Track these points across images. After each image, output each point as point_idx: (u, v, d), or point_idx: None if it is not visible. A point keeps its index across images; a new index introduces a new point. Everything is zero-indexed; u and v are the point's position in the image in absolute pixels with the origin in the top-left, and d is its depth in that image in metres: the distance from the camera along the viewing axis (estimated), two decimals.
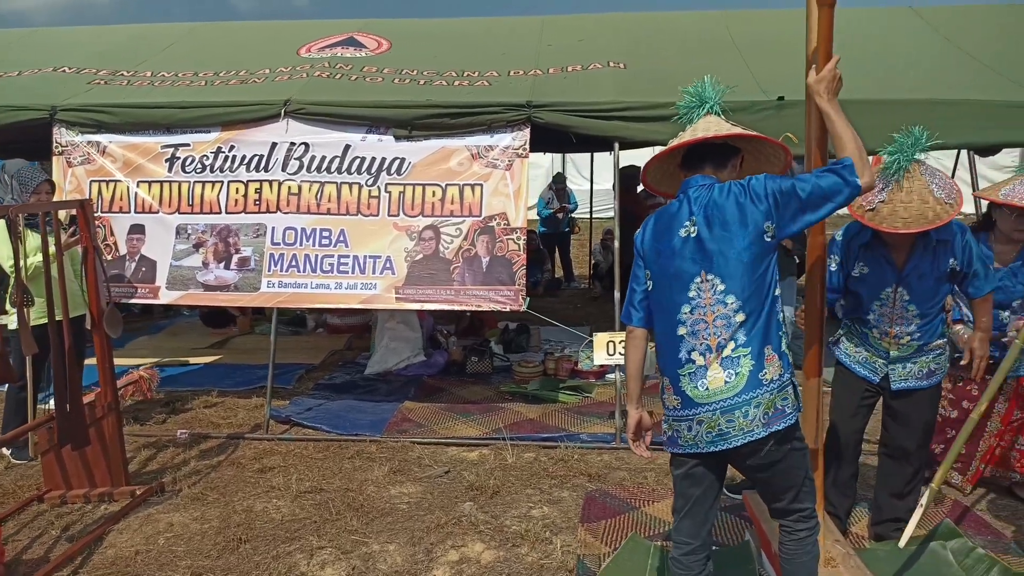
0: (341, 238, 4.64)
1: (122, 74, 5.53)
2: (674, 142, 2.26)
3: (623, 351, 4.50)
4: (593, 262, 9.41)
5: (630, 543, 3.05)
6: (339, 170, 4.71)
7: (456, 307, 4.60)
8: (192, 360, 6.29)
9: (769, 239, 2.11)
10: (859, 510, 3.38)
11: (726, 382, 2.08)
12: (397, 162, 4.71)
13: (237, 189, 4.75)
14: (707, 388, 2.10)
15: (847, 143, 2.10)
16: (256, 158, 4.75)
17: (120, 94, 5.13)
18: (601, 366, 5.95)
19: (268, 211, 4.69)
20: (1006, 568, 2.77)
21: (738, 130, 2.22)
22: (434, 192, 4.67)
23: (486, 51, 5.86)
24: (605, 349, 4.41)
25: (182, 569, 3.06)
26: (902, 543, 2.59)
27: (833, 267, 2.85)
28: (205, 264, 4.70)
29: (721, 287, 2.10)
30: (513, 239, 4.55)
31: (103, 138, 4.87)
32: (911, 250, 2.73)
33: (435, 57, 5.70)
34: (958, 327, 3.11)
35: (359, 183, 4.69)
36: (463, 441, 4.38)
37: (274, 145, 4.75)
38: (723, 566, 2.85)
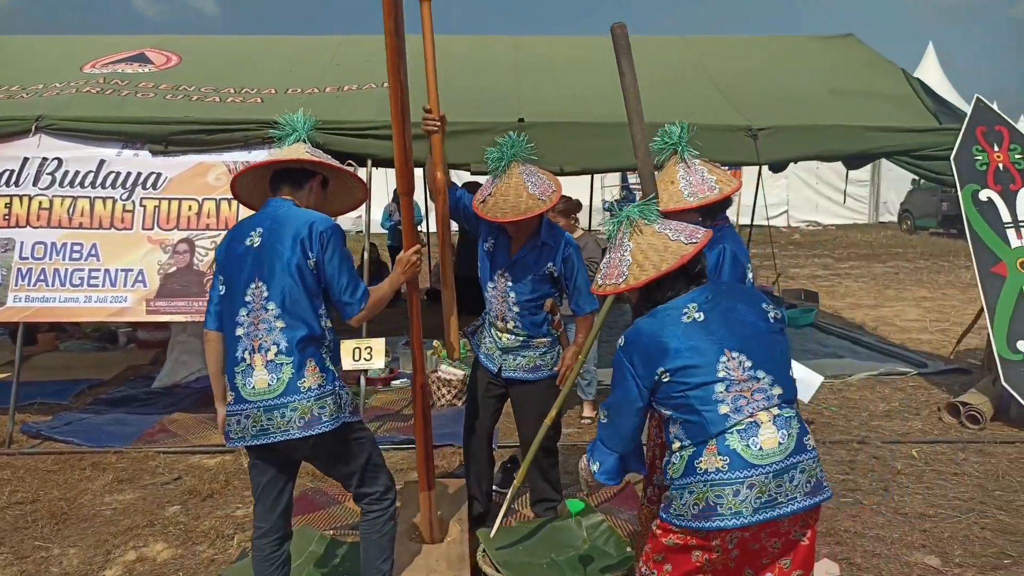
0: (93, 252, 4.69)
1: None
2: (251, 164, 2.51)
3: (367, 357, 4.76)
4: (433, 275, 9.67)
5: (299, 531, 3.24)
6: (93, 184, 4.77)
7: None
8: None
9: (312, 269, 2.34)
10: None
11: (269, 384, 2.29)
12: (153, 176, 4.81)
13: None
14: (254, 387, 2.30)
15: (382, 292, 2.47)
16: (7, 173, 4.76)
17: None
18: (390, 371, 6.23)
19: (17, 226, 4.69)
20: (619, 537, 3.13)
21: (307, 157, 2.45)
22: (190, 206, 4.79)
23: (274, 68, 6.04)
24: (351, 355, 4.61)
25: None
26: (492, 533, 2.87)
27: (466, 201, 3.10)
28: None
29: (266, 293, 2.32)
30: None
31: None
32: (524, 243, 3.05)
33: (220, 73, 5.83)
34: None
35: (113, 197, 4.76)
36: (208, 449, 4.48)
37: (26, 160, 4.77)
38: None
